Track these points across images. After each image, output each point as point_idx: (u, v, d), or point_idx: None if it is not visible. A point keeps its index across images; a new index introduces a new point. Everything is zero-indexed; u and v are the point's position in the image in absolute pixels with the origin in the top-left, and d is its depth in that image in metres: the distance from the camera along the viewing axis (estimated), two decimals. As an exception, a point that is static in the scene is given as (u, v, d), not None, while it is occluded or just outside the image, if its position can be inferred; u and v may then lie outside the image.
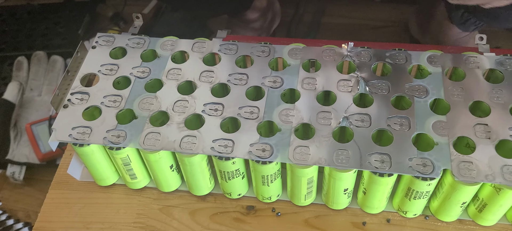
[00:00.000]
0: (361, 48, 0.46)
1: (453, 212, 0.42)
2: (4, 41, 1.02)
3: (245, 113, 0.42)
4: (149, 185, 0.48)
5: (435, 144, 0.38)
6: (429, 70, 0.44)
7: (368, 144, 0.39)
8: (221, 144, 0.40)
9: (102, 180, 0.48)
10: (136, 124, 0.42)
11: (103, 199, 0.49)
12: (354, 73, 0.44)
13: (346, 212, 0.46)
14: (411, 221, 0.44)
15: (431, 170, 0.37)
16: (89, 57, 0.48)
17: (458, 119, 0.40)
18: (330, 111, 0.41)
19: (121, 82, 0.46)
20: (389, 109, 0.41)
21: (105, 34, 0.50)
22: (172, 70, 0.46)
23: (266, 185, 0.43)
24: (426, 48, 0.46)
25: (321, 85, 0.44)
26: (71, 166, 0.48)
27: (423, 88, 0.42)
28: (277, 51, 0.47)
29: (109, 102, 0.44)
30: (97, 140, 0.41)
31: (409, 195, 0.40)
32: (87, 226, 0.47)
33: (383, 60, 0.45)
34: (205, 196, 0.48)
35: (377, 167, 0.37)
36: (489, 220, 0.42)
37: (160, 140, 0.40)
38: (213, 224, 0.46)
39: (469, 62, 0.44)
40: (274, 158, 0.39)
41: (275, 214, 0.46)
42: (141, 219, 0.47)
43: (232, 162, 0.40)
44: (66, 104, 0.44)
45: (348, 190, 0.42)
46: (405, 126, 0.40)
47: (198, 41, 0.49)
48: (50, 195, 0.50)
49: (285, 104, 0.42)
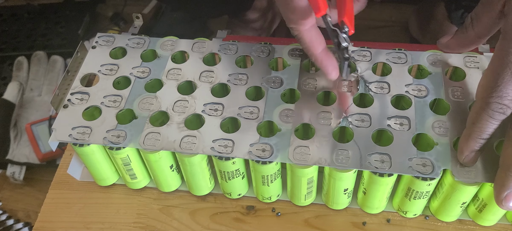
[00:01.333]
0: (361, 48, 0.46)
1: (453, 212, 0.42)
2: (4, 41, 1.02)
3: (245, 113, 0.42)
4: (149, 185, 0.48)
5: (435, 144, 0.38)
6: (429, 70, 0.44)
7: (368, 144, 0.39)
8: (221, 144, 0.40)
9: (102, 180, 0.48)
10: (136, 124, 0.42)
11: (103, 199, 0.49)
12: (354, 73, 0.44)
13: (346, 212, 0.46)
14: (411, 221, 0.44)
15: (431, 170, 0.37)
16: (89, 57, 0.48)
17: (458, 119, 0.40)
18: (330, 112, 0.41)
19: (121, 82, 0.46)
20: (389, 109, 0.41)
21: (105, 34, 0.50)
22: (172, 70, 0.46)
23: (266, 185, 0.43)
24: (426, 48, 0.46)
25: (321, 85, 0.44)
26: (71, 166, 0.48)
27: (423, 88, 0.42)
28: (277, 51, 0.47)
29: (109, 102, 0.44)
30: (97, 140, 0.41)
31: (409, 195, 0.40)
32: (87, 226, 0.47)
33: (383, 60, 0.45)
34: (205, 196, 0.48)
35: (377, 167, 0.37)
36: (489, 220, 0.42)
37: (160, 140, 0.40)
38: (213, 224, 0.46)
39: (469, 62, 0.44)
40: (274, 158, 0.39)
41: (275, 214, 0.46)
42: (141, 219, 0.47)
43: (232, 162, 0.40)
44: (66, 104, 0.44)
45: (348, 190, 0.42)
46: (405, 126, 0.40)
47: (198, 41, 0.49)
48: (50, 195, 0.50)
49: (285, 104, 0.42)
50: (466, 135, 0.36)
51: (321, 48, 0.40)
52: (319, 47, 0.40)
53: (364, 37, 0.84)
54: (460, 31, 0.40)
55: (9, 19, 1.07)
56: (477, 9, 0.37)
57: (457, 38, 0.40)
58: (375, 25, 0.87)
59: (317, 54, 0.40)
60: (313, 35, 0.39)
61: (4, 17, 1.08)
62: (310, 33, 0.39)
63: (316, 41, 0.39)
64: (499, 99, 0.33)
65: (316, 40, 0.39)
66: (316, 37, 0.39)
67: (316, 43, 0.39)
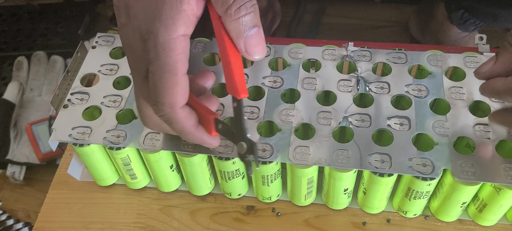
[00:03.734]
0: (361, 48, 0.46)
1: (453, 212, 0.42)
2: (4, 41, 1.02)
3: (245, 113, 0.42)
4: (149, 185, 0.48)
5: (435, 144, 0.38)
6: (429, 70, 0.44)
7: (368, 144, 0.39)
8: (221, 144, 0.40)
9: (102, 180, 0.48)
10: (136, 124, 0.42)
11: (103, 199, 0.49)
12: (354, 73, 0.44)
13: (346, 212, 0.46)
14: (411, 221, 0.44)
15: (431, 170, 0.37)
16: (89, 57, 0.48)
17: (458, 119, 0.40)
18: (330, 111, 0.41)
19: (121, 82, 0.46)
20: (389, 109, 0.41)
21: (105, 34, 0.50)
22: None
23: (266, 185, 0.43)
24: (426, 48, 0.46)
25: (321, 85, 0.44)
26: (71, 166, 0.48)
27: (423, 88, 0.42)
28: (277, 51, 0.47)
29: (109, 102, 0.44)
30: (97, 140, 0.41)
31: (409, 195, 0.40)
32: (87, 226, 0.47)
33: (383, 60, 0.45)
34: (205, 196, 0.48)
35: (377, 167, 0.37)
36: (489, 220, 0.42)
37: (160, 140, 0.40)
38: (213, 224, 0.46)
39: (469, 62, 0.44)
40: (274, 158, 0.39)
41: (275, 214, 0.46)
42: (141, 219, 0.47)
43: (232, 162, 0.40)
44: (66, 104, 0.44)
45: (348, 190, 0.42)
46: (405, 126, 0.40)
47: (198, 41, 0.49)
48: (50, 195, 0.50)
49: (285, 104, 0.42)
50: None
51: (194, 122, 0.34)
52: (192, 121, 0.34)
53: (364, 37, 0.84)
54: (504, 50, 0.33)
55: (9, 19, 1.07)
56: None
57: (504, 60, 0.33)
58: (375, 25, 0.87)
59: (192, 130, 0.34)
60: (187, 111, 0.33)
61: (4, 17, 1.08)
62: (183, 111, 0.33)
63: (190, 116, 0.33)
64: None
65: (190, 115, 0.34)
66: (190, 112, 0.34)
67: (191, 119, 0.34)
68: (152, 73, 0.30)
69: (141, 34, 0.30)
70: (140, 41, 0.31)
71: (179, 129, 0.33)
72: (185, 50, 0.30)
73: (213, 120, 0.34)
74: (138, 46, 0.31)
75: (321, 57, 0.46)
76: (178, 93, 0.31)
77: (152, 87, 0.31)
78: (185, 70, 0.31)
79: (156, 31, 0.29)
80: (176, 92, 0.31)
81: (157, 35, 0.29)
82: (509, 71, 0.34)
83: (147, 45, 0.30)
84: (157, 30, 0.29)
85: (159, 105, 0.31)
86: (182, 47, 0.30)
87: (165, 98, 0.31)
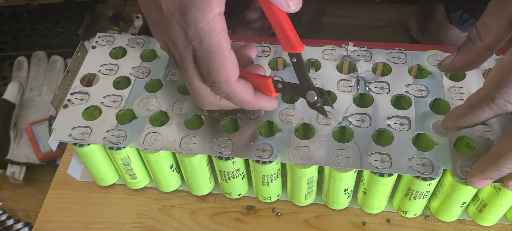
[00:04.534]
0: (361, 48, 0.46)
1: (453, 212, 0.42)
2: (4, 41, 1.02)
3: (245, 113, 0.42)
4: (149, 185, 0.48)
5: (435, 144, 0.38)
6: (429, 70, 0.44)
7: (368, 144, 0.39)
8: (221, 144, 0.40)
9: (102, 180, 0.48)
10: (136, 124, 0.42)
11: (103, 199, 0.49)
12: (354, 73, 0.44)
13: (346, 212, 0.46)
14: (411, 221, 0.44)
15: (431, 170, 0.37)
16: (89, 57, 0.48)
17: (458, 119, 0.40)
18: (330, 111, 0.41)
19: (121, 82, 0.46)
20: (389, 109, 0.41)
21: (105, 34, 0.50)
22: (172, 70, 0.46)
23: (266, 185, 0.43)
24: (426, 48, 0.46)
25: (321, 85, 0.44)
26: (71, 166, 0.48)
27: (423, 88, 0.42)
28: (277, 51, 0.47)
29: (109, 102, 0.44)
30: (97, 140, 0.41)
31: (409, 195, 0.40)
32: (87, 226, 0.47)
33: (383, 60, 0.45)
34: (205, 196, 0.48)
35: (377, 167, 0.37)
36: (489, 220, 0.42)
37: (160, 140, 0.40)
38: (213, 224, 0.46)
39: (469, 62, 0.44)
40: (274, 158, 0.39)
41: (275, 214, 0.46)
42: (141, 219, 0.47)
43: (232, 162, 0.40)
44: (66, 104, 0.44)
45: (348, 190, 0.42)
46: (405, 126, 0.40)
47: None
48: (50, 195, 0.50)
49: (285, 104, 0.42)
50: (459, 113, 0.34)
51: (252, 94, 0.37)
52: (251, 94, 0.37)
53: (364, 37, 0.85)
54: (465, 46, 0.35)
55: (9, 19, 1.08)
56: (483, 19, 0.34)
57: (463, 55, 0.35)
58: (375, 25, 0.87)
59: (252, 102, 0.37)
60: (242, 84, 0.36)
61: (4, 17, 1.08)
62: (239, 84, 0.35)
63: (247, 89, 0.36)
64: (505, 96, 0.32)
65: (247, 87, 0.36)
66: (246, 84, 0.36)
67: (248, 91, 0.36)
68: (201, 59, 0.33)
69: (179, 24, 0.32)
70: (181, 32, 0.32)
71: (239, 101, 0.36)
72: (224, 27, 0.32)
73: (271, 81, 0.36)
74: (180, 36, 0.32)
75: (321, 57, 0.46)
76: (230, 69, 0.33)
77: (205, 71, 0.33)
78: (229, 46, 0.33)
79: (193, 18, 0.31)
80: (228, 68, 0.33)
81: (196, 21, 0.31)
82: (467, 66, 0.35)
83: (189, 34, 0.32)
84: (194, 17, 0.31)
85: (216, 84, 0.34)
86: (221, 25, 0.32)
87: (220, 76, 0.33)
